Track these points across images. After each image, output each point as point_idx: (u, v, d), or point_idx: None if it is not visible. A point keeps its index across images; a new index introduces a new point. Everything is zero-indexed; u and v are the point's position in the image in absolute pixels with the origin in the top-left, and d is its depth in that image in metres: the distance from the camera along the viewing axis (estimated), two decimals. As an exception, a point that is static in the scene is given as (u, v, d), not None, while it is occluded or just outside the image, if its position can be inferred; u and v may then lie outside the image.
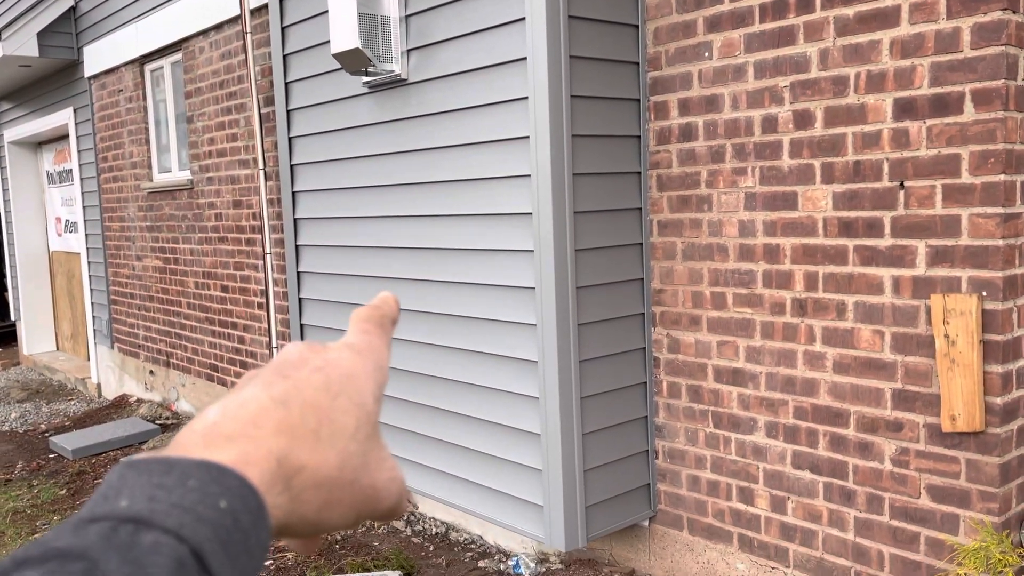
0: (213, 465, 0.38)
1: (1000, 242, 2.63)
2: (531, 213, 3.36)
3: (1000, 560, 2.14)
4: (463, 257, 3.72)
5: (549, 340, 3.34)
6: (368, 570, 4.09)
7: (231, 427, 0.40)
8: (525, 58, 3.29)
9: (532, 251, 3.38)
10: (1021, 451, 2.79)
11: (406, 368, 4.07)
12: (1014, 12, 2.59)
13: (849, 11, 2.90)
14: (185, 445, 0.40)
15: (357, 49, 3.77)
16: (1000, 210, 2.62)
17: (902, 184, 2.83)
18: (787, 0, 3.06)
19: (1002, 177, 2.61)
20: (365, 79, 4.05)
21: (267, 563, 4.39)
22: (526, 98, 3.30)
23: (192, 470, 0.38)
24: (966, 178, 2.68)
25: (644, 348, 3.67)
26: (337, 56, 3.87)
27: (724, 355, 3.41)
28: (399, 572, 4.03)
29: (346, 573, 4.13)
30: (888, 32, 2.81)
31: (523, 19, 3.27)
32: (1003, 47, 2.57)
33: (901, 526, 2.94)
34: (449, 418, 3.87)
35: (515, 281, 3.47)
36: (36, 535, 4.95)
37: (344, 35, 3.80)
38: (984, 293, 2.68)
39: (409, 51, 3.84)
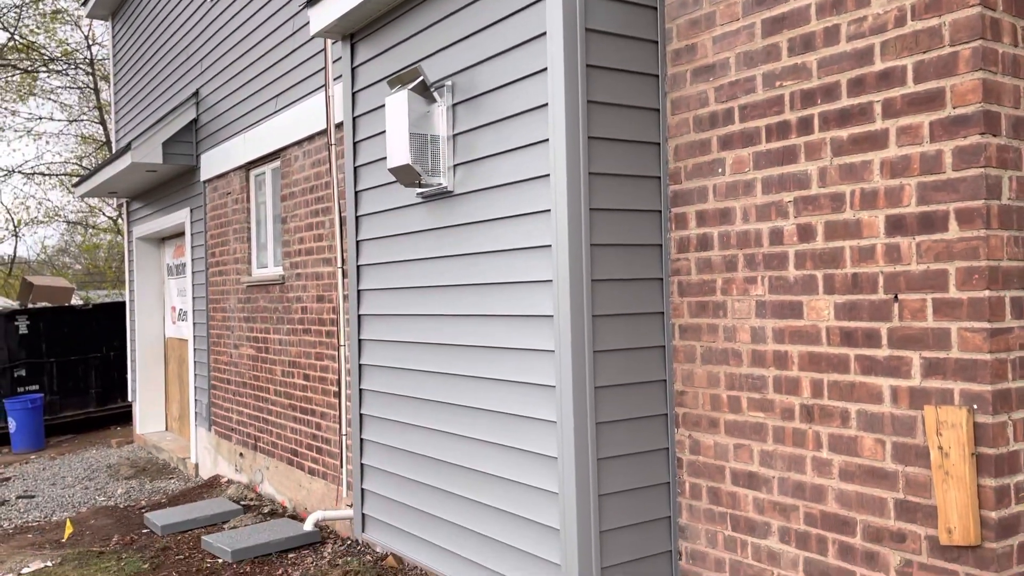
0: None
1: (988, 356, 2.67)
2: (552, 316, 3.58)
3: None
4: (491, 354, 3.97)
5: (567, 436, 3.50)
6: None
7: None
8: (548, 175, 3.57)
9: (553, 351, 3.59)
10: (1022, 568, 2.74)
11: (435, 456, 4.29)
12: (993, 135, 2.70)
13: (843, 133, 3.06)
14: None
15: (408, 165, 4.15)
16: (987, 325, 2.67)
17: (896, 297, 2.91)
18: (789, 122, 3.25)
19: (987, 293, 2.67)
20: (418, 190, 4.43)
21: None
22: (548, 211, 3.58)
23: None
24: (953, 293, 2.75)
25: (667, 448, 3.77)
26: (392, 171, 4.27)
27: (740, 458, 3.48)
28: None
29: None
30: (878, 153, 2.95)
31: (547, 140, 3.58)
32: (983, 169, 2.67)
33: (907, 641, 2.90)
34: (470, 507, 4.05)
35: (537, 379, 3.68)
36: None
37: (398, 152, 4.21)
38: (975, 406, 2.70)
39: (456, 166, 4.21)
